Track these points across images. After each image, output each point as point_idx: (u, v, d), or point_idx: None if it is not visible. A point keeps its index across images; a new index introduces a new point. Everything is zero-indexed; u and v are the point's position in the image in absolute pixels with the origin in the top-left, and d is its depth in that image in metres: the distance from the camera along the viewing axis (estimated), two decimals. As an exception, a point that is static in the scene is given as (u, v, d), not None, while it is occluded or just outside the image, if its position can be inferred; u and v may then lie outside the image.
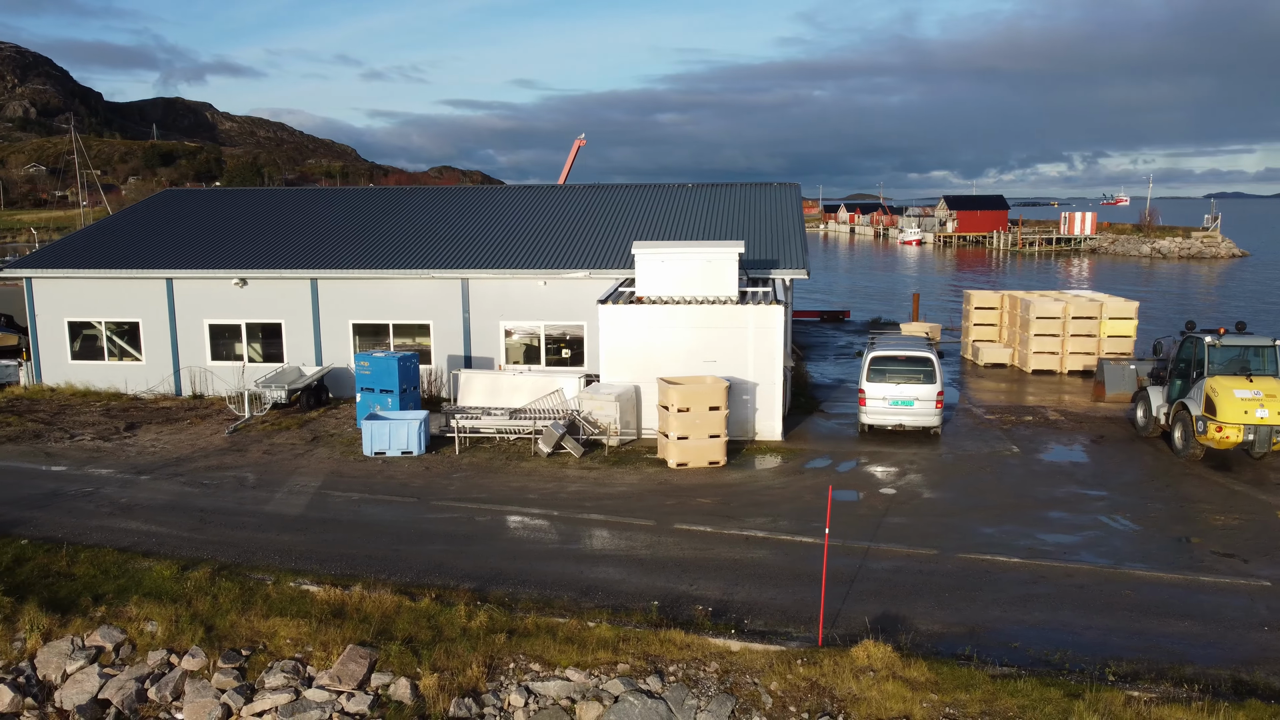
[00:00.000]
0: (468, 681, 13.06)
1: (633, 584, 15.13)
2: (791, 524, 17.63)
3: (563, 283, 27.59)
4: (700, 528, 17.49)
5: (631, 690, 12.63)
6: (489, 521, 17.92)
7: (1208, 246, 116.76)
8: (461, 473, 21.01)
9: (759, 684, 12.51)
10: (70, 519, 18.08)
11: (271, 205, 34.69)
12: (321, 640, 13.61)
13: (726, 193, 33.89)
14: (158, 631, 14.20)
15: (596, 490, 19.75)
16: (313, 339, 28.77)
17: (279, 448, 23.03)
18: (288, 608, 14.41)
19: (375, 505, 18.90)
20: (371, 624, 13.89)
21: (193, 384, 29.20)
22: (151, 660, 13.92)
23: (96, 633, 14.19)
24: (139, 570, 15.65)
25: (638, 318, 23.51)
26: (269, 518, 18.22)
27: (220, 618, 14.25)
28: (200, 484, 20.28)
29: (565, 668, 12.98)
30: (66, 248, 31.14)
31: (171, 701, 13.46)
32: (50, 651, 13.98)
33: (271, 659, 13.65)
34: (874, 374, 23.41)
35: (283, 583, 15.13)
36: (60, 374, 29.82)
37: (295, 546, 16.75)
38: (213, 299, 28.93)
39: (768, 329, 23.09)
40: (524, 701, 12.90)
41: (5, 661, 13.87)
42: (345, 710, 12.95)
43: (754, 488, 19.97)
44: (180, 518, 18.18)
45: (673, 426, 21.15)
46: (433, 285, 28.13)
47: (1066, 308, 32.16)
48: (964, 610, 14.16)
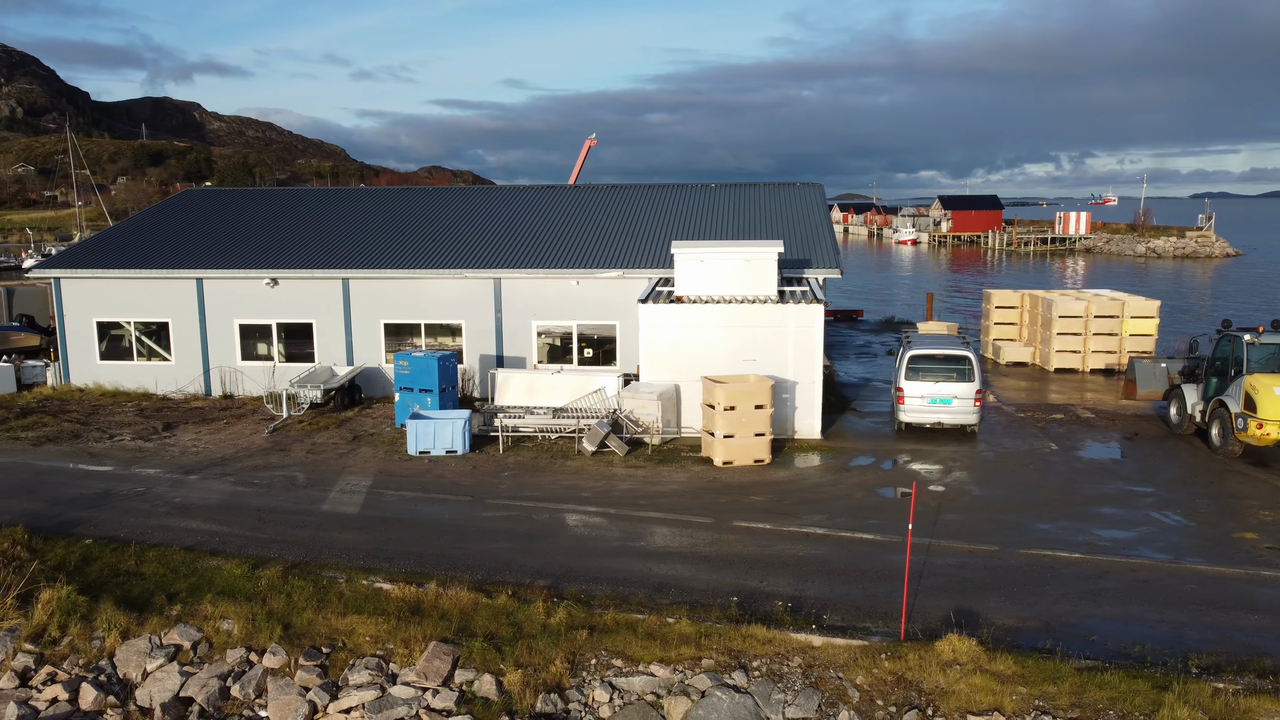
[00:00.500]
0: (551, 678, 13.16)
1: (703, 580, 15.26)
2: (848, 521, 17.79)
3: (595, 282, 27.70)
4: (759, 525, 17.63)
5: (718, 685, 12.76)
6: (548, 519, 18.02)
7: (1202, 246, 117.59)
8: (509, 471, 21.09)
9: (844, 678, 12.66)
10: (129, 519, 18.10)
11: (296, 205, 34.68)
12: (402, 637, 13.68)
13: (750, 192, 34.05)
14: (234, 630, 14.24)
15: (647, 488, 19.87)
16: (344, 339, 28.80)
17: (321, 447, 23.06)
18: (363, 605, 14.48)
19: (431, 504, 18.97)
20: (450, 621, 13.98)
21: (223, 384, 29.18)
22: (230, 658, 13.97)
23: (174, 631, 14.23)
24: (208, 569, 15.70)
25: (678, 317, 23.63)
26: (328, 517, 18.27)
27: (296, 616, 14.30)
28: (251, 483, 20.31)
29: (649, 663, 13.09)
30: (93, 248, 31.07)
31: (254, 699, 13.52)
32: (129, 650, 14.01)
33: (352, 656, 13.72)
34: (912, 372, 23.58)
35: (355, 581, 15.21)
36: (88, 374, 29.75)
37: (360, 545, 16.81)
38: (243, 299, 28.93)
39: (808, 328, 23.25)
40: (609, 697, 13.01)
41: (86, 660, 13.89)
42: (431, 706, 13.04)
43: (803, 485, 20.13)
44: (238, 517, 18.21)
45: (719, 425, 21.28)
46: (465, 285, 28.20)
47: (1089, 307, 32.45)
48: (1034, 605, 14.34)
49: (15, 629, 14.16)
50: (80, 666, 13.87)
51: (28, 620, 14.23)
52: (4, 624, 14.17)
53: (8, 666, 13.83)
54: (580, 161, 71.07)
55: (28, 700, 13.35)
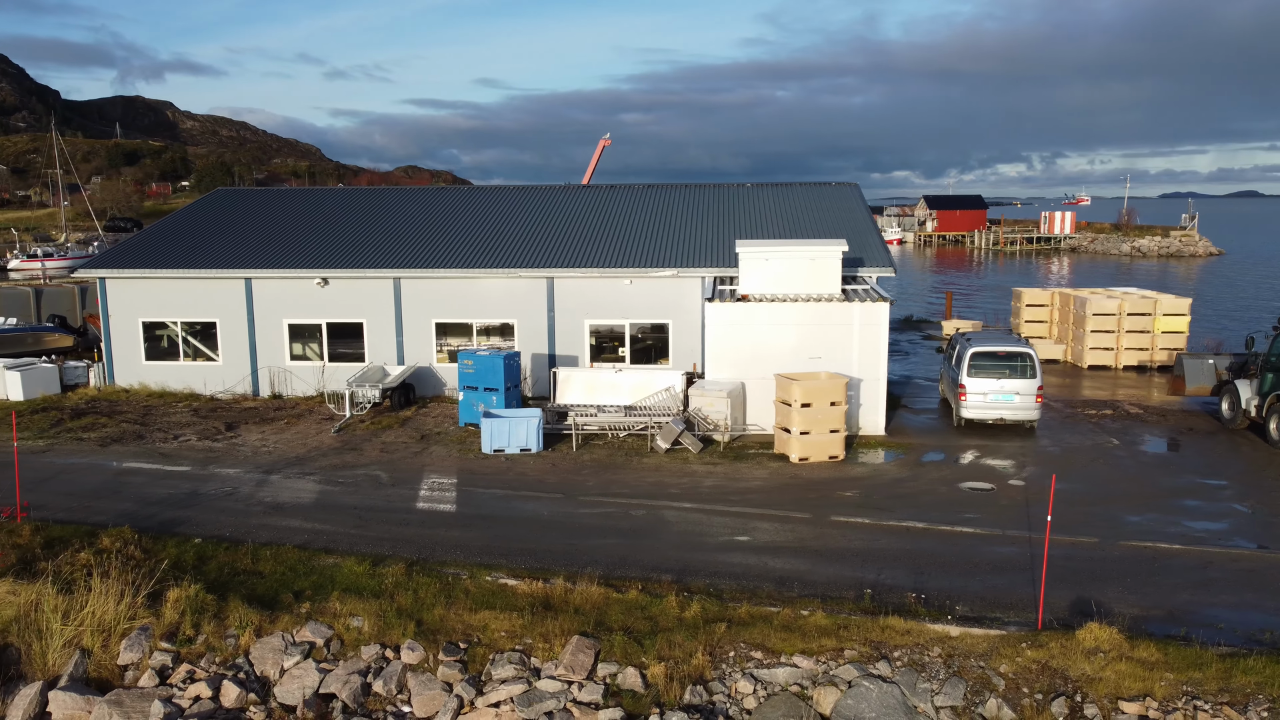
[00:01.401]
0: (693, 670, 13.35)
1: (821, 574, 15.50)
2: (942, 515, 18.09)
3: (649, 281, 27.89)
4: (857, 519, 17.90)
5: (864, 675, 13.00)
6: (646, 516, 18.19)
7: (1185, 245, 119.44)
8: (589, 469, 21.24)
9: (986, 667, 12.93)
10: (227, 518, 18.10)
11: (338, 204, 34.56)
12: (539, 632, 13.82)
13: (787, 192, 34.34)
14: (364, 627, 14.31)
15: (732, 484, 20.09)
16: (394, 338, 28.81)
17: (393, 446, 23.11)
18: (491, 601, 14.60)
19: (525, 501, 19.10)
20: (584, 616, 14.13)
21: (272, 384, 29.10)
22: (365, 655, 14.04)
23: (305, 628, 14.28)
24: (325, 567, 15.76)
25: (744, 315, 23.86)
26: (427, 514, 18.36)
27: (426, 612, 14.40)
28: (336, 482, 20.33)
29: (791, 655, 13.30)
30: (136, 248, 30.87)
31: (396, 694, 13.61)
32: (264, 648, 14.05)
33: (491, 651, 13.84)
34: (974, 369, 23.94)
35: (478, 577, 15.32)
36: (133, 375, 29.57)
37: (469, 542, 16.92)
38: (293, 298, 28.87)
39: (874, 325, 23.56)
40: (752, 688, 13.22)
41: (222, 658, 13.93)
42: (577, 699, 13.19)
43: (885, 481, 20.42)
44: (337, 515, 18.26)
45: (795, 422, 21.53)
46: (518, 284, 28.30)
47: (1122, 305, 33.00)
48: (1152, 594, 14.69)
49: (148, 627, 14.17)
50: (217, 664, 13.91)
51: (158, 619, 14.25)
52: (136, 623, 14.18)
53: (145, 665, 13.86)
54: (594, 161, 71.26)
55: (170, 698, 13.38)
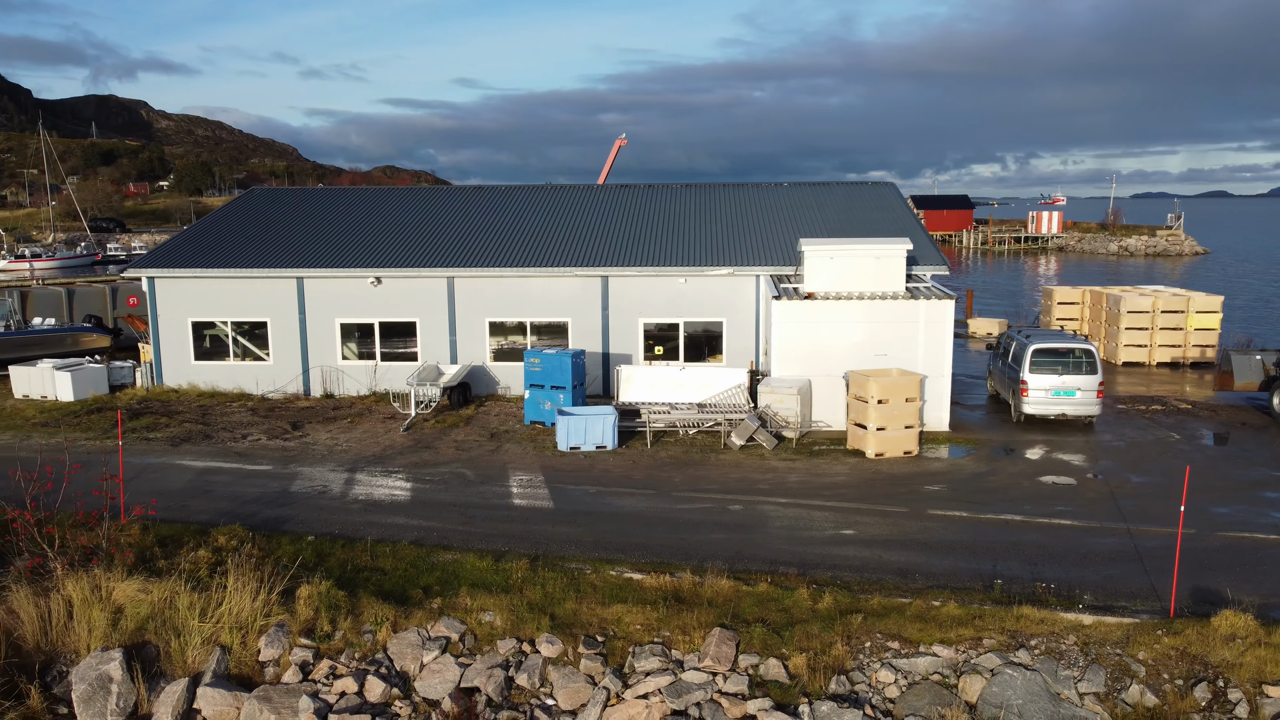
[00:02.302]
0: (833, 660, 13.57)
1: (938, 566, 15.77)
2: (1036, 508, 18.42)
3: (703, 280, 28.11)
4: (954, 513, 18.19)
5: (1005, 664, 13.27)
6: (745, 511, 18.40)
7: (1172, 244, 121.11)
8: (669, 466, 21.42)
9: (1124, 654, 13.23)
10: (330, 515, 18.15)
11: (383, 203, 34.42)
12: (677, 625, 13.99)
13: (825, 191, 34.65)
14: (496, 621, 14.43)
15: (817, 480, 20.34)
16: (448, 337, 28.85)
17: (466, 444, 23.19)
18: (622, 595, 14.75)
19: (618, 497, 19.25)
20: (716, 608, 14.32)
21: (324, 383, 29.08)
22: (502, 649, 14.16)
23: (440, 623, 14.38)
24: (445, 563, 15.86)
25: (811, 313, 24.12)
26: (528, 511, 18.47)
27: (557, 606, 14.54)
28: (424, 480, 20.40)
29: (930, 644, 13.55)
30: (179, 248, 30.70)
31: (539, 688, 13.74)
32: (401, 643, 14.14)
33: (629, 644, 14.00)
34: (1036, 365, 24.31)
35: (601, 571, 15.47)
36: (182, 375, 29.45)
37: (578, 537, 17.06)
38: (345, 298, 28.85)
39: (939, 322, 23.89)
40: (893, 678, 13.45)
41: (361, 654, 14.00)
42: (723, 690, 13.38)
43: (965, 476, 20.72)
44: (440, 512, 18.35)
45: (871, 418, 21.81)
46: (572, 283, 28.43)
47: (1156, 302, 33.55)
48: (1265, 583, 15.06)
49: (284, 624, 14.23)
50: (357, 660, 13.98)
51: (293, 616, 14.30)
52: (271, 620, 14.22)
53: (286, 662, 13.92)
54: (610, 161, 71.34)
55: (317, 693, 13.45)
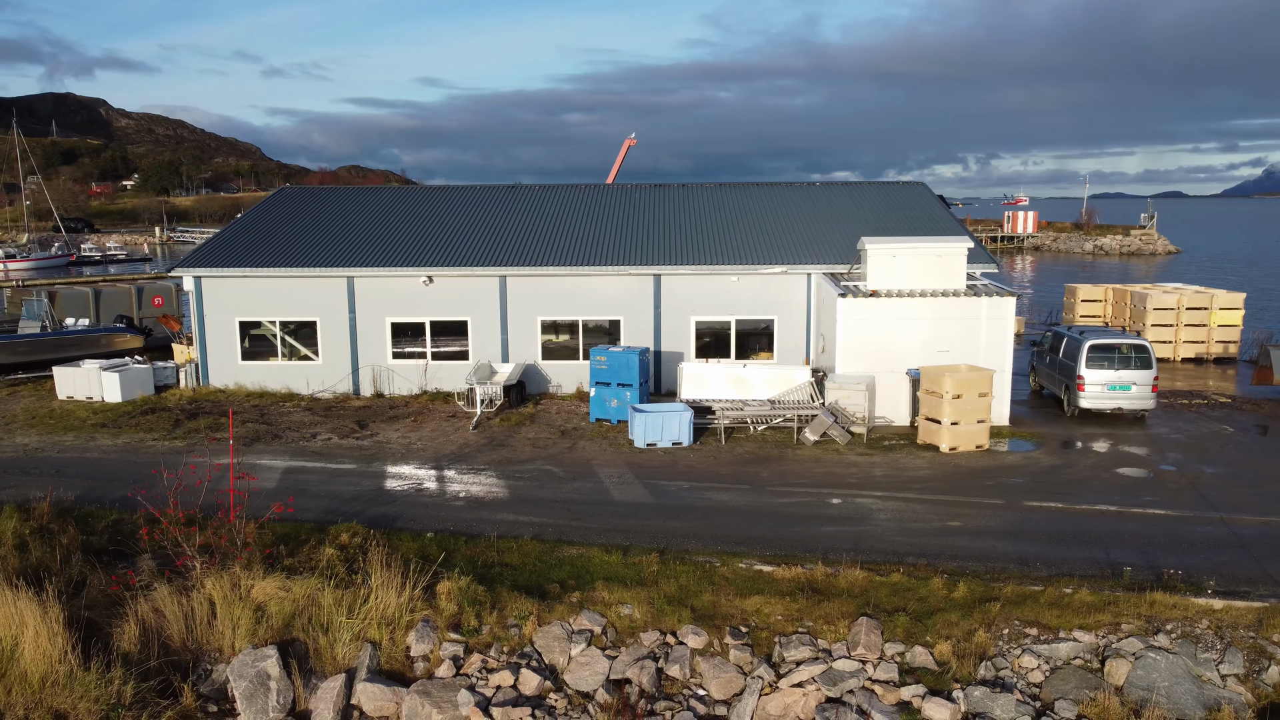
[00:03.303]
0: (975, 647, 13.91)
1: (1053, 555, 16.18)
2: (1124, 499, 18.92)
3: (754, 278, 28.42)
4: (1049, 504, 18.64)
5: (1147, 648, 13.68)
6: (845, 504, 18.72)
7: (1145, 244, 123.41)
8: (751, 461, 21.69)
9: (1258, 637, 13.70)
10: (439, 513, 18.23)
11: (427, 202, 34.25)
12: (820, 614, 14.27)
13: (858, 190, 35.11)
14: (635, 614, 14.61)
15: (902, 474, 20.70)
16: (499, 335, 28.92)
17: (540, 442, 23.30)
18: (752, 587, 15.01)
19: (714, 492, 19.49)
20: (854, 598, 14.61)
21: (374, 382, 29.02)
22: (646, 641, 14.35)
23: (582, 617, 14.54)
24: (571, 558, 16.03)
25: (876, 310, 24.51)
26: (632, 506, 18.66)
27: (694, 599, 14.76)
28: (513, 477, 20.51)
29: (1070, 630, 13.94)
30: (222, 248, 30.46)
31: (689, 678, 13.95)
32: (547, 636, 14.29)
33: (773, 634, 14.25)
34: (1092, 361, 24.88)
35: (730, 564, 15.72)
36: (229, 375, 29.26)
37: (692, 531, 17.29)
38: (396, 296, 28.82)
39: (1000, 319, 24.39)
40: (1036, 663, 13.82)
41: (509, 647, 14.13)
42: (874, 678, 13.68)
43: (1042, 469, 21.19)
44: (546, 508, 18.48)
45: (946, 413, 22.22)
46: (625, 282, 28.61)
47: (1180, 299, 34.39)
48: (1369, 567, 15.61)
49: (429, 619, 14.32)
50: (506, 654, 14.11)
51: (437, 611, 14.40)
52: (417, 615, 14.31)
53: (437, 656, 14.02)
54: (619, 161, 71.49)
55: (474, 687, 13.56)
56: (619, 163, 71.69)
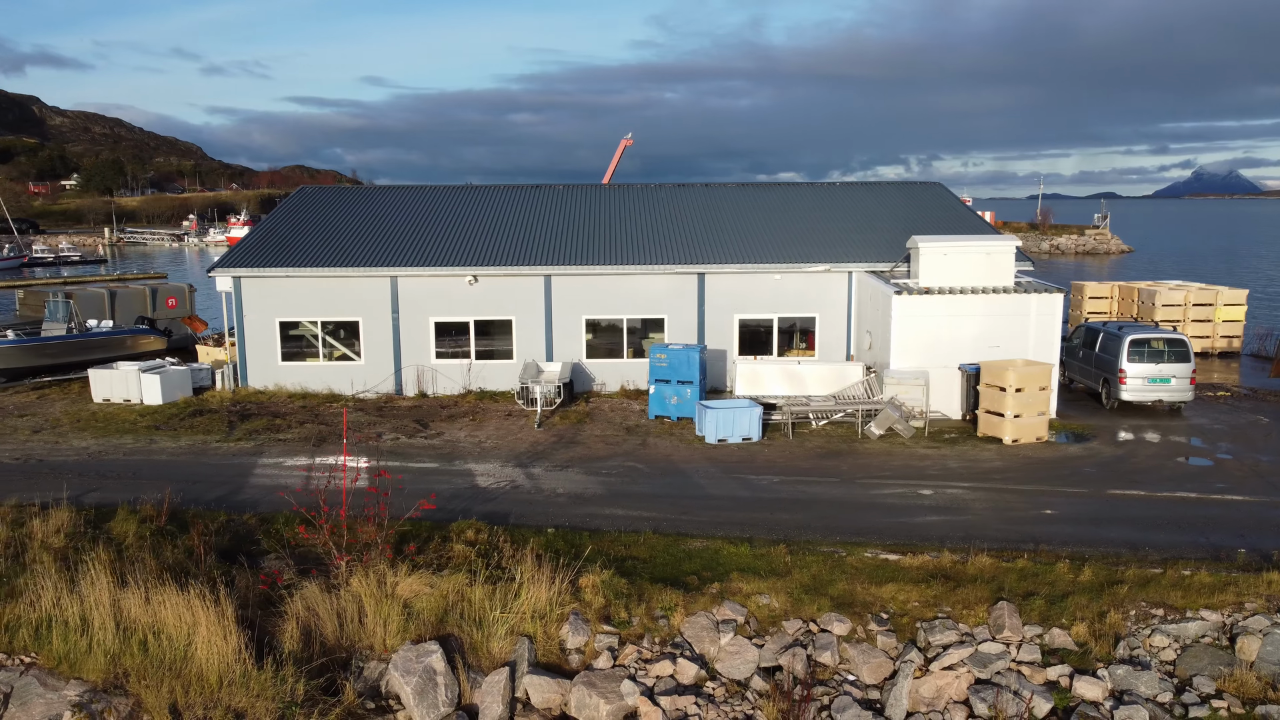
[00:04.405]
0: (1108, 628, 14.48)
1: (1158, 539, 16.86)
2: (1198, 486, 19.73)
3: (797, 276, 28.91)
4: (1132, 492, 19.36)
5: (1273, 625, 14.35)
6: (938, 495, 19.24)
7: (1100, 243, 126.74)
8: (826, 455, 22.13)
9: (1373, 612, 14.45)
10: (545, 509, 18.38)
11: (466, 201, 34.06)
12: (957, 600, 14.73)
13: (880, 190, 35.79)
14: (773, 603, 14.95)
15: (977, 466, 21.30)
16: (544, 334, 29.04)
17: (610, 439, 23.51)
18: (886, 575, 15.43)
19: (807, 485, 19.89)
20: (984, 584, 15.09)
21: (418, 382, 28.95)
22: (790, 629, 14.70)
23: (724, 607, 14.84)
24: (696, 550, 16.30)
25: (930, 307, 25.12)
26: (731, 500, 18.99)
27: (830, 587, 15.14)
28: (600, 473, 20.71)
29: (1197, 610, 14.58)
30: (258, 248, 30.15)
31: (839, 664, 14.31)
32: (694, 626, 14.55)
33: (913, 620, 14.68)
34: (1133, 355, 25.79)
35: (855, 554, 16.12)
36: (269, 376, 28.98)
37: (803, 523, 17.67)
38: (440, 296, 28.79)
39: (1049, 315, 25.17)
40: (1166, 642, 14.43)
41: (660, 638, 14.37)
42: (1019, 660, 14.17)
43: (1107, 458, 21.94)
44: (648, 503, 18.72)
45: (1009, 405, 22.89)
46: (669, 280, 28.92)
47: (1188, 296, 35.62)
48: None
49: (578, 613, 14.50)
50: (658, 645, 14.35)
51: (583, 604, 14.59)
52: (565, 609, 14.48)
53: (592, 648, 14.21)
54: (615, 161, 71.59)
55: (634, 676, 13.79)
56: (615, 163, 72.01)
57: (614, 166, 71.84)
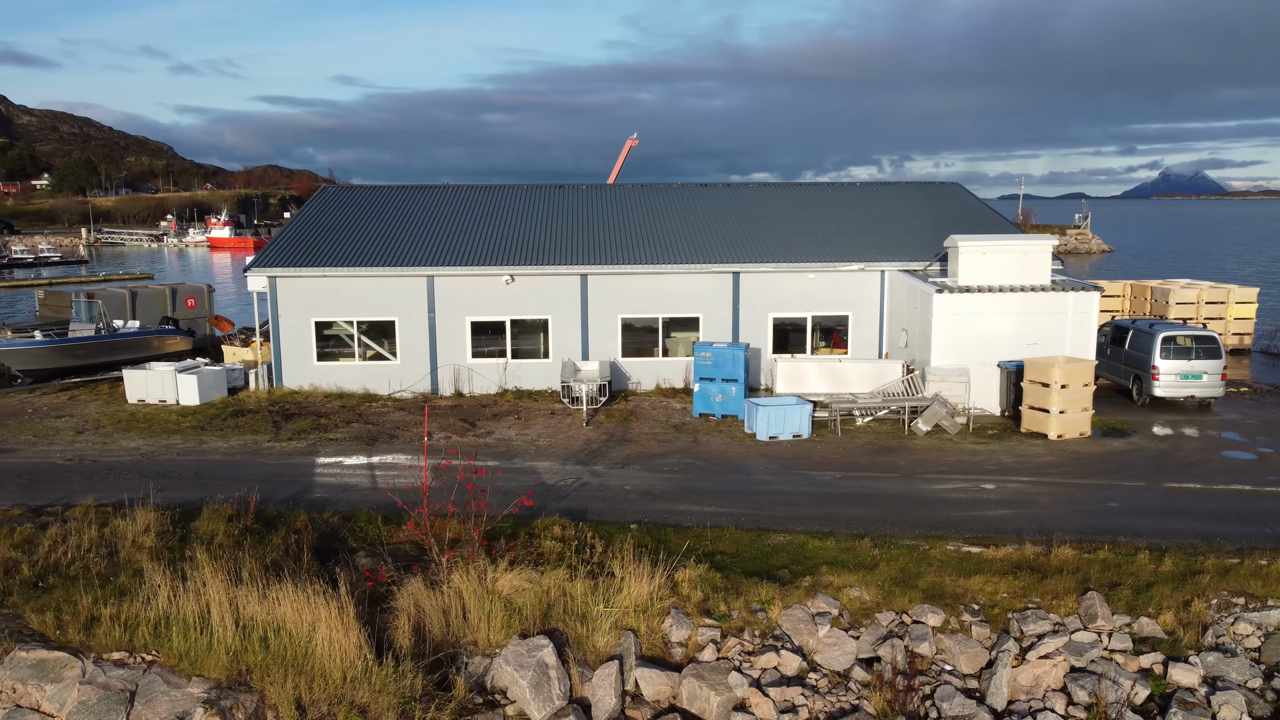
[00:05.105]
0: (1193, 616, 14.87)
1: (1224, 531, 17.31)
2: (1250, 479, 20.23)
3: (831, 275, 29.23)
4: (1188, 485, 19.83)
5: (1353, 611, 14.79)
6: (1000, 489, 19.60)
7: (1081, 243, 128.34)
8: (879, 451, 22.44)
9: None
10: (619, 505, 18.56)
11: (500, 201, 33.99)
12: (1045, 590, 15.07)
13: (899, 190, 36.18)
14: (864, 596, 15.22)
15: (1030, 461, 21.69)
16: (579, 333, 29.18)
17: (662, 437, 23.70)
18: (970, 566, 15.74)
19: (869, 480, 20.19)
20: (1068, 575, 15.44)
21: (455, 381, 29.00)
22: (883, 621, 14.97)
23: (818, 600, 15.09)
24: (779, 545, 16.55)
25: (969, 305, 25.51)
26: (798, 495, 19.25)
27: (919, 580, 15.42)
28: (664, 470, 20.90)
29: (1278, 598, 14.99)
30: (292, 248, 30.06)
31: (936, 654, 14.60)
32: (791, 619, 14.78)
33: (1003, 611, 14.99)
34: (1165, 351, 26.31)
35: (937, 547, 16.41)
36: (304, 376, 28.93)
37: (876, 517, 17.97)
38: (476, 296, 28.86)
39: (1085, 313, 25.64)
40: (1250, 630, 14.83)
41: (760, 630, 14.59)
42: (1111, 648, 14.52)
43: (1152, 453, 22.41)
44: (718, 499, 18.94)
45: (1054, 401, 23.30)
46: (705, 279, 29.15)
47: (1201, 294, 36.31)
48: None
49: (678, 606, 14.69)
50: (758, 637, 14.57)
51: (682, 598, 14.78)
52: (664, 603, 14.66)
53: (694, 641, 14.40)
54: (620, 161, 71.57)
55: (740, 668, 14.00)
56: (620, 163, 72.13)
57: (619, 167, 72.09)
